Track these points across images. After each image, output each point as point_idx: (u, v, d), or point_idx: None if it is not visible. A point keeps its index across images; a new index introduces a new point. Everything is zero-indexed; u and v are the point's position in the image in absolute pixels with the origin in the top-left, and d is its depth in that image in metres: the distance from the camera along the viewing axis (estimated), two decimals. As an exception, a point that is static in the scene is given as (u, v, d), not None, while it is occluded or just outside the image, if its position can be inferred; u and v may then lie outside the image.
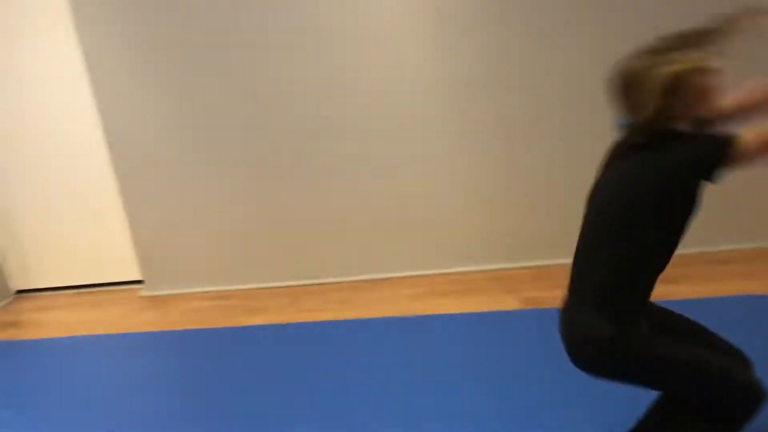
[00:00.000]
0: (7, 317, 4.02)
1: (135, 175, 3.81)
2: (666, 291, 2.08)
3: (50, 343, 3.48)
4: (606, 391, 2.24)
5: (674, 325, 1.75)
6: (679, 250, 1.59)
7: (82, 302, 4.09)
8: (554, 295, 3.11)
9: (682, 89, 1.55)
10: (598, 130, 3.36)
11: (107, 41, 3.60)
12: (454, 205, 3.54)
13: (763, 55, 2.62)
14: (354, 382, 2.61)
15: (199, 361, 3.03)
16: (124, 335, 3.45)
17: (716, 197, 2.39)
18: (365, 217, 3.61)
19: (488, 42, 3.28)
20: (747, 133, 1.51)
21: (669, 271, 1.61)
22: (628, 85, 1.59)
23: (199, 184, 3.75)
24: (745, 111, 1.72)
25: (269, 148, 3.61)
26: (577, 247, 1.70)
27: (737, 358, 1.76)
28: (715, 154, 1.50)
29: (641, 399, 1.85)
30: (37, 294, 4.33)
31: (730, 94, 1.69)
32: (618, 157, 1.64)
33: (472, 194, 3.51)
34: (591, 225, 1.66)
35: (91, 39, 3.61)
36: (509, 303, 3.15)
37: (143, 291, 4.03)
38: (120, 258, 4.12)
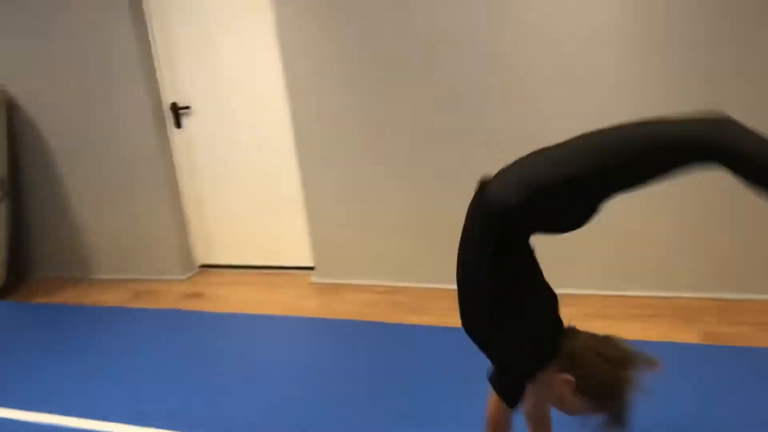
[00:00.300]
0: (191, 288, 4.34)
1: (316, 168, 3.96)
2: None
3: (226, 317, 3.71)
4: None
5: None
6: None
7: (258, 282, 4.32)
8: (738, 332, 2.87)
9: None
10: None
11: (303, 38, 3.77)
12: (633, 223, 3.36)
13: None
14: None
15: (359, 352, 3.10)
16: (293, 317, 3.61)
17: None
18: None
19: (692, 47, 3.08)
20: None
21: None
22: None
23: (376, 181, 3.83)
24: None
25: (446, 149, 3.62)
26: None
27: None
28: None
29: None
30: (218, 270, 4.63)
31: None
32: None
33: (662, 214, 3.31)
34: None
35: (288, 35, 3.81)
36: (688, 335, 2.94)
37: (314, 277, 4.19)
38: (296, 244, 4.31)
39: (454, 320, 1.95)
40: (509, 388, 1.78)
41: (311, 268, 4.26)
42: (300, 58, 3.81)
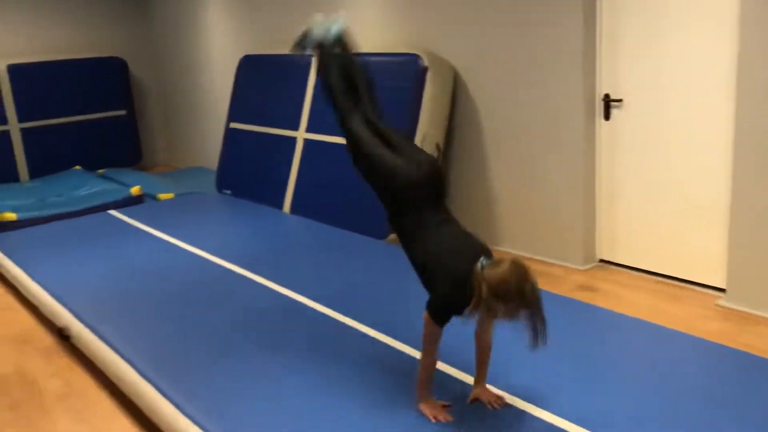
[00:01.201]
0: (588, 281, 4.34)
1: (754, 179, 3.60)
2: None
3: (618, 318, 3.59)
4: None
5: None
6: None
7: (657, 290, 4.13)
8: None
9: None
10: None
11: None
12: None
13: None
14: None
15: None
16: (690, 336, 3.34)
17: None
18: None
19: None
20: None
21: None
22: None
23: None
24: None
25: None
26: None
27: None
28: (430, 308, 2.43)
29: None
30: (617, 268, 4.54)
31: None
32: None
33: None
34: None
35: (752, 33, 3.49)
36: None
37: (722, 301, 3.85)
38: (707, 259, 4.01)
39: None
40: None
41: (721, 290, 3.92)
42: (762, 60, 3.47)
